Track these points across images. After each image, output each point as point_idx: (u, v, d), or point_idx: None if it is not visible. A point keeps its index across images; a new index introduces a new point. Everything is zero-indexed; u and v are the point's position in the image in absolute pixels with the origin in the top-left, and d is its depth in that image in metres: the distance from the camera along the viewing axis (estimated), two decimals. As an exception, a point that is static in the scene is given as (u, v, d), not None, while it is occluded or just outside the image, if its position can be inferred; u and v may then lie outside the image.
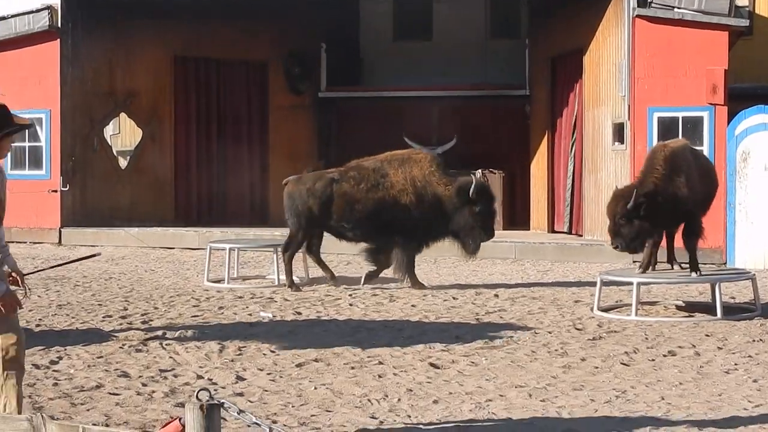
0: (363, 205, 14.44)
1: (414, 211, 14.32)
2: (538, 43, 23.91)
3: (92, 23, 22.64)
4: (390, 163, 14.74)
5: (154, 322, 11.38)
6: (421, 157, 14.94)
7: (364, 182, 14.53)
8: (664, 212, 12.21)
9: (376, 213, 14.42)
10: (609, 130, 19.52)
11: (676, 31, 18.45)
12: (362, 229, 14.70)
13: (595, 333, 10.89)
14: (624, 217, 12.05)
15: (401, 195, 14.38)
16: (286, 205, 15.06)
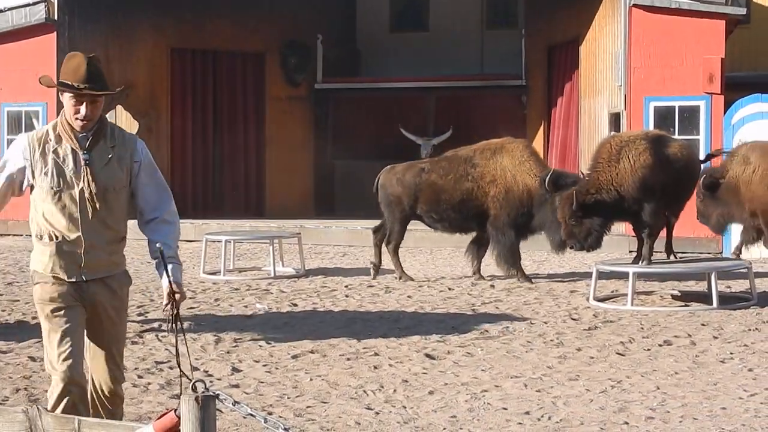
0: (449, 195, 14.14)
1: (502, 202, 13.92)
2: (535, 34, 23.90)
3: (89, 16, 22.59)
4: (482, 153, 14.31)
5: (150, 315, 11.39)
6: (515, 146, 14.36)
7: (453, 172, 14.20)
8: (614, 205, 12.36)
9: (462, 204, 14.10)
10: (605, 120, 19.51)
11: (673, 20, 18.43)
12: (449, 220, 14.40)
13: (590, 323, 10.90)
14: (573, 219, 12.26)
15: (490, 186, 13.96)
16: (379, 196, 14.82)
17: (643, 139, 12.88)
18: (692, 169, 12.96)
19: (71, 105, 5.23)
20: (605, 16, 19.96)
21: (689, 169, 12.91)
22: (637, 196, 12.42)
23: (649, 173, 12.39)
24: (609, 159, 12.57)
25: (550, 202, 13.26)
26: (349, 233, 20.31)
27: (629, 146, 12.59)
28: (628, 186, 12.36)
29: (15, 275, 14.95)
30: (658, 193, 12.50)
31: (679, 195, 12.92)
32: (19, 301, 12.29)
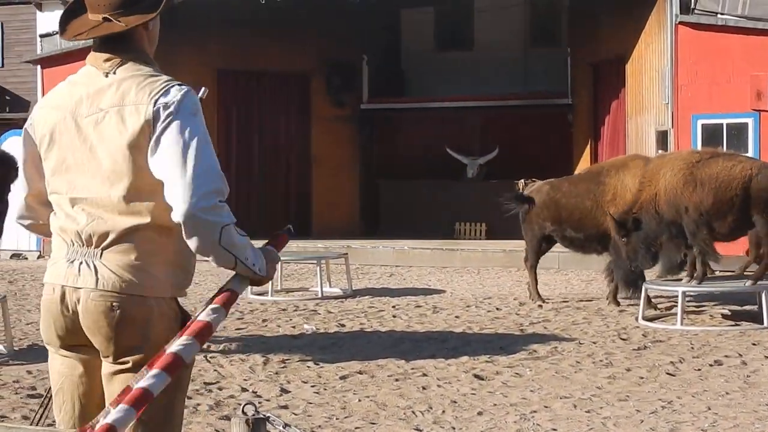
0: (570, 214, 13.84)
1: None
2: (580, 51, 23.83)
3: (135, 38, 22.81)
4: (608, 171, 13.95)
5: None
6: (636, 162, 13.89)
7: (578, 190, 13.92)
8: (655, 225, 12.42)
9: (582, 223, 13.79)
10: (652, 138, 19.40)
11: (720, 37, 18.32)
12: (572, 240, 14.14)
13: (640, 343, 10.82)
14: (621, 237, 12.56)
15: (609, 205, 13.47)
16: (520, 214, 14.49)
17: (678, 158, 12.84)
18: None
19: None
20: (651, 34, 19.87)
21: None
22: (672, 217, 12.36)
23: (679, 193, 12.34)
24: (648, 178, 12.54)
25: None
26: (395, 253, 20.33)
27: (666, 166, 12.56)
28: (662, 206, 12.32)
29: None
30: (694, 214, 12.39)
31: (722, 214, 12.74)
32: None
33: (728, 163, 12.34)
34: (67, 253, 3.54)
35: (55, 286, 3.54)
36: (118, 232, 3.46)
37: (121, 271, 3.45)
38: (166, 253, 3.52)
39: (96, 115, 3.50)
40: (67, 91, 3.65)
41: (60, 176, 3.58)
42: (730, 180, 12.14)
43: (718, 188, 12.15)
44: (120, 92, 3.49)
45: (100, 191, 3.49)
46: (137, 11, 3.59)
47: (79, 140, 3.53)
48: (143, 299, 3.47)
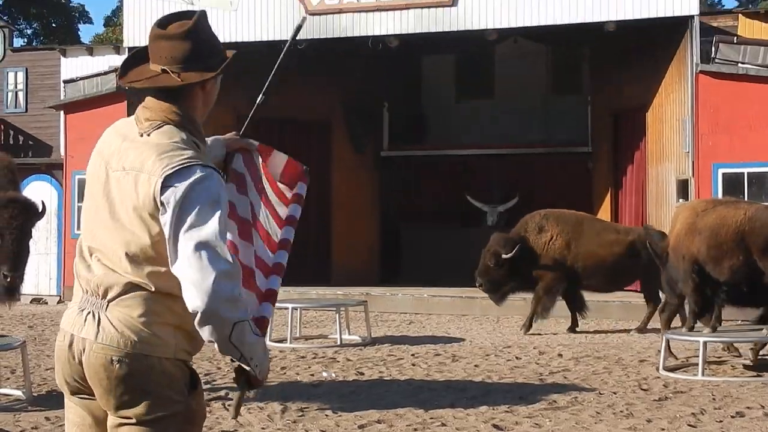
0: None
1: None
2: (600, 100, 23.88)
3: (158, 84, 22.95)
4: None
5: (216, 382, 11.40)
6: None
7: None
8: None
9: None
10: (673, 187, 19.37)
11: (740, 86, 18.34)
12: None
13: (661, 393, 10.73)
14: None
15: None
16: None
17: (688, 208, 12.95)
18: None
19: None
20: (672, 83, 19.90)
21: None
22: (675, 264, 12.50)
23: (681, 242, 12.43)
24: (672, 225, 12.68)
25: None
26: (415, 301, 20.30)
27: (680, 215, 12.76)
28: (671, 253, 12.51)
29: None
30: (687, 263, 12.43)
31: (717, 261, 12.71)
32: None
33: (725, 211, 12.34)
34: (80, 300, 3.54)
35: (65, 333, 3.54)
36: (123, 288, 3.43)
37: (123, 327, 3.42)
38: (170, 316, 3.47)
39: (119, 173, 3.50)
40: (110, 139, 3.66)
41: (86, 222, 3.59)
42: (720, 226, 12.15)
43: (711, 236, 12.17)
44: (142, 157, 3.46)
45: (113, 246, 3.46)
46: (197, 69, 3.57)
47: (104, 192, 3.54)
48: (144, 357, 3.42)
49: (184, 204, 3.33)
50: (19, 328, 17.04)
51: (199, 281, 3.27)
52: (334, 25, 21.25)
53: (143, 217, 3.41)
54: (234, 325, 3.32)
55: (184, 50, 3.54)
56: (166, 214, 3.34)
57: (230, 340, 3.33)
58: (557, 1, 19.81)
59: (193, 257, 3.28)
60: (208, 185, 3.38)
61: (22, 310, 20.49)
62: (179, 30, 3.55)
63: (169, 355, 3.47)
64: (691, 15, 18.85)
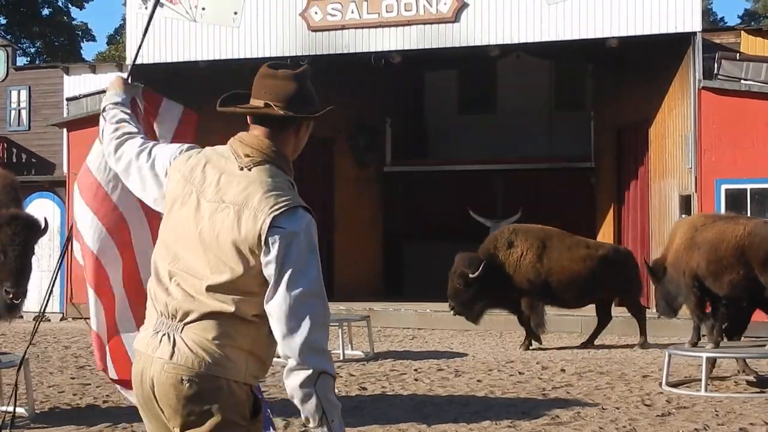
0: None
1: None
2: (603, 115, 23.91)
3: (161, 103, 22.98)
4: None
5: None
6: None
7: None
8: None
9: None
10: (676, 202, 19.37)
11: (743, 102, 18.35)
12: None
13: (664, 409, 10.72)
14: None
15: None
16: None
17: (687, 223, 13.00)
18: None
19: None
20: (674, 99, 19.92)
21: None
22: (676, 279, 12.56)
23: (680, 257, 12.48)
24: (669, 241, 12.82)
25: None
26: (418, 316, 20.29)
27: (679, 230, 12.85)
28: (670, 268, 12.57)
29: (87, 358, 15.08)
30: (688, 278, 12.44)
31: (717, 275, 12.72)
32: (90, 384, 12.38)
33: (724, 226, 12.35)
34: (154, 323, 3.62)
35: (140, 354, 3.64)
36: (202, 313, 3.52)
37: (197, 348, 3.50)
38: (244, 341, 3.55)
39: (217, 204, 3.57)
40: (201, 170, 3.72)
41: (167, 245, 3.66)
42: (720, 241, 12.16)
43: (710, 250, 12.17)
44: (246, 193, 3.55)
45: (199, 272, 3.54)
46: (298, 110, 3.71)
47: (195, 219, 3.61)
48: (214, 378, 3.49)
49: (290, 249, 3.45)
50: (21, 346, 17.03)
51: (295, 327, 3.41)
52: (337, 42, 21.29)
53: (242, 250, 3.49)
54: (320, 375, 3.42)
55: (289, 90, 3.70)
56: (270, 254, 3.45)
57: (315, 388, 3.42)
58: (560, 17, 19.84)
59: (293, 303, 3.41)
60: (311, 231, 3.54)
61: (24, 327, 20.48)
62: (288, 72, 3.74)
63: (238, 378, 3.55)
64: (694, 31, 18.88)
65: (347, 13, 21.12)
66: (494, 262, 15.64)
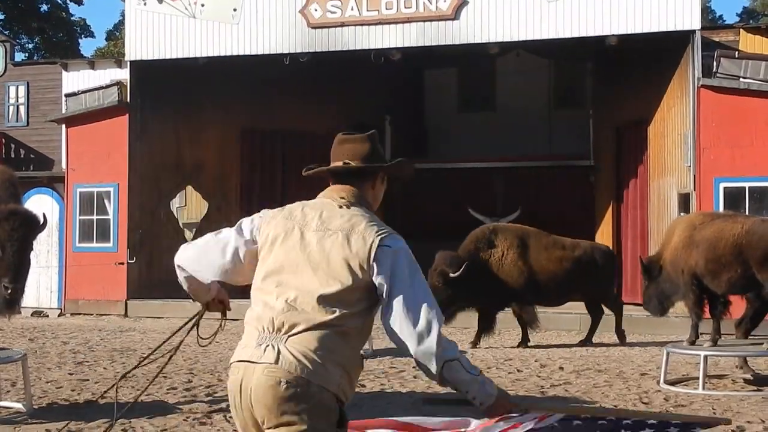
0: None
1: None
2: (603, 113, 23.91)
3: (160, 98, 23.00)
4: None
5: (218, 394, 11.38)
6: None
7: None
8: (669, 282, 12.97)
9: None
10: (674, 201, 19.38)
11: (742, 101, 18.36)
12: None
13: (661, 407, 10.71)
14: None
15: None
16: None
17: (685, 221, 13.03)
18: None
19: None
20: (673, 97, 19.92)
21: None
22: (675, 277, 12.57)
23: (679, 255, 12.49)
24: (666, 239, 12.80)
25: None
26: (416, 314, 20.23)
27: (677, 228, 12.84)
28: (668, 266, 12.57)
29: (85, 354, 15.08)
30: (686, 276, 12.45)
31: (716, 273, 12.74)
32: (88, 380, 12.37)
33: (723, 224, 12.36)
34: (257, 338, 4.00)
35: (239, 366, 4.00)
36: (307, 325, 3.95)
37: (300, 356, 3.89)
38: (340, 355, 3.96)
39: (323, 233, 4.11)
40: (300, 210, 4.28)
41: (272, 275, 4.11)
42: (719, 240, 12.17)
43: (709, 249, 12.18)
44: (351, 222, 4.11)
45: (307, 288, 4.01)
46: (372, 164, 4.32)
47: (300, 246, 4.11)
48: (309, 384, 3.88)
49: (398, 262, 4.01)
50: (19, 341, 17.03)
51: (416, 326, 3.93)
52: (336, 39, 21.29)
53: (351, 265, 4.02)
54: (445, 363, 3.95)
55: (364, 149, 4.33)
56: (380, 272, 4.00)
57: (442, 374, 3.96)
58: (559, 15, 19.84)
59: (412, 307, 3.95)
60: (409, 252, 4.09)
61: (23, 323, 20.48)
62: (361, 135, 4.38)
63: (331, 388, 3.94)
64: (693, 29, 18.89)
65: (347, 10, 21.12)
66: (475, 262, 15.59)
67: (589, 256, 16.35)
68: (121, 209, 22.60)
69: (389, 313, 3.98)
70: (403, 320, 3.94)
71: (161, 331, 18.59)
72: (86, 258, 22.52)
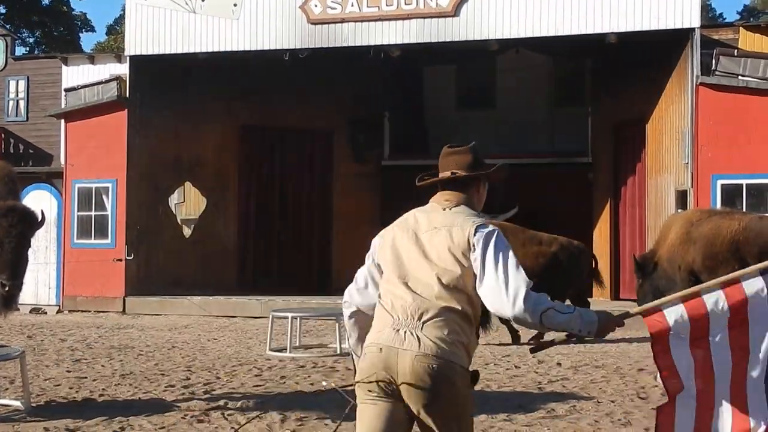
0: None
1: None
2: (601, 111, 23.92)
3: (159, 94, 22.99)
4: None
5: (216, 392, 11.40)
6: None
7: None
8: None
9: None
10: (672, 198, 19.40)
11: (740, 99, 18.38)
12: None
13: (659, 402, 10.68)
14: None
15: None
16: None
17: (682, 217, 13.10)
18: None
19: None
20: (672, 95, 19.93)
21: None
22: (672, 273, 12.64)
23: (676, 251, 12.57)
24: (662, 235, 12.87)
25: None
26: (414, 310, 20.26)
27: (674, 224, 12.91)
28: (665, 263, 12.65)
29: (83, 352, 15.09)
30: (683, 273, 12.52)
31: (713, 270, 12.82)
32: (86, 378, 12.39)
33: (720, 221, 12.41)
34: (393, 323, 4.60)
35: (381, 346, 4.56)
36: (436, 311, 4.56)
37: (438, 341, 4.51)
38: (464, 336, 4.61)
39: (432, 231, 4.75)
40: (413, 217, 4.91)
41: (395, 270, 4.74)
42: (716, 236, 12.21)
43: (706, 245, 12.23)
44: (451, 219, 4.77)
45: (428, 280, 4.63)
46: (476, 171, 4.95)
47: (416, 246, 4.75)
48: (451, 364, 4.52)
49: (488, 244, 4.62)
50: (18, 338, 17.04)
51: (510, 288, 4.52)
52: (336, 35, 21.29)
53: (456, 255, 4.64)
54: (542, 314, 4.51)
55: (468, 159, 4.99)
56: (476, 251, 4.61)
57: (542, 323, 4.52)
58: (558, 13, 19.85)
59: (503, 274, 4.54)
60: (500, 234, 4.68)
61: (21, 319, 20.50)
62: (464, 147, 5.06)
63: (464, 364, 4.60)
64: (692, 27, 18.89)
65: (347, 6, 21.13)
66: None
67: (566, 252, 16.36)
68: (119, 205, 22.58)
69: (485, 283, 4.57)
70: (495, 288, 4.53)
71: (159, 329, 18.60)
72: (84, 254, 22.53)
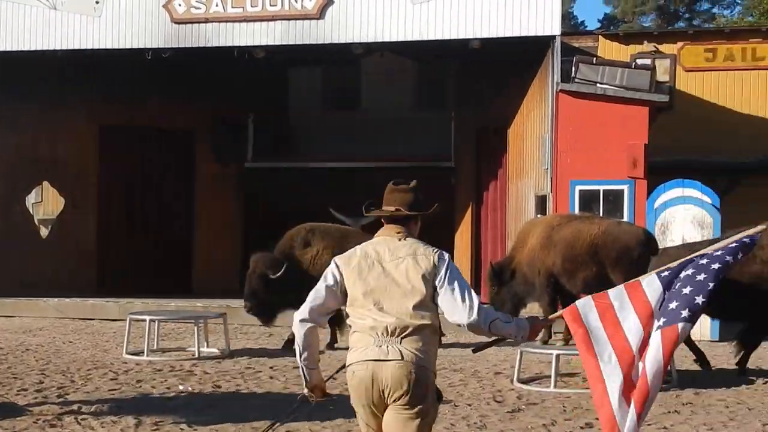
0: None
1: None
2: (464, 115, 24.18)
3: (18, 91, 22.47)
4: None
5: (70, 396, 11.19)
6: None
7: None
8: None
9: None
10: (532, 203, 19.71)
11: (599, 106, 18.75)
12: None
13: (514, 405, 10.90)
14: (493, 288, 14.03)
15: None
16: None
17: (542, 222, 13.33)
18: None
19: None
20: (533, 101, 20.26)
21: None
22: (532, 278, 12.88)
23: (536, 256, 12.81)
24: (519, 241, 13.07)
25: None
26: (276, 313, 20.15)
27: (534, 229, 13.15)
28: (524, 267, 12.87)
29: None
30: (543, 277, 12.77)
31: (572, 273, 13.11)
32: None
33: (580, 225, 12.69)
34: (375, 341, 5.40)
35: (367, 363, 5.39)
36: (411, 328, 5.39)
37: (415, 351, 5.36)
38: (433, 346, 5.50)
39: (397, 261, 5.52)
40: (372, 249, 5.61)
41: (368, 297, 5.46)
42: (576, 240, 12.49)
43: (566, 248, 12.50)
44: (412, 249, 5.56)
45: (401, 303, 5.42)
46: (416, 210, 5.74)
47: (384, 274, 5.50)
48: (426, 369, 5.39)
49: (449, 269, 5.49)
50: None
51: (467, 304, 5.42)
52: (200, 35, 21.07)
53: (425, 277, 5.46)
54: (490, 324, 5.44)
55: (410, 198, 5.77)
56: (439, 274, 5.45)
57: (490, 330, 5.46)
58: (423, 17, 19.98)
59: (460, 293, 5.43)
60: (452, 262, 5.61)
61: None
62: (407, 187, 5.85)
63: (434, 369, 5.51)
64: (554, 35, 19.20)
65: (211, 6, 20.93)
66: (292, 262, 15.46)
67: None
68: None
69: (446, 297, 5.43)
70: (456, 301, 5.41)
71: (14, 331, 18.19)
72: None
